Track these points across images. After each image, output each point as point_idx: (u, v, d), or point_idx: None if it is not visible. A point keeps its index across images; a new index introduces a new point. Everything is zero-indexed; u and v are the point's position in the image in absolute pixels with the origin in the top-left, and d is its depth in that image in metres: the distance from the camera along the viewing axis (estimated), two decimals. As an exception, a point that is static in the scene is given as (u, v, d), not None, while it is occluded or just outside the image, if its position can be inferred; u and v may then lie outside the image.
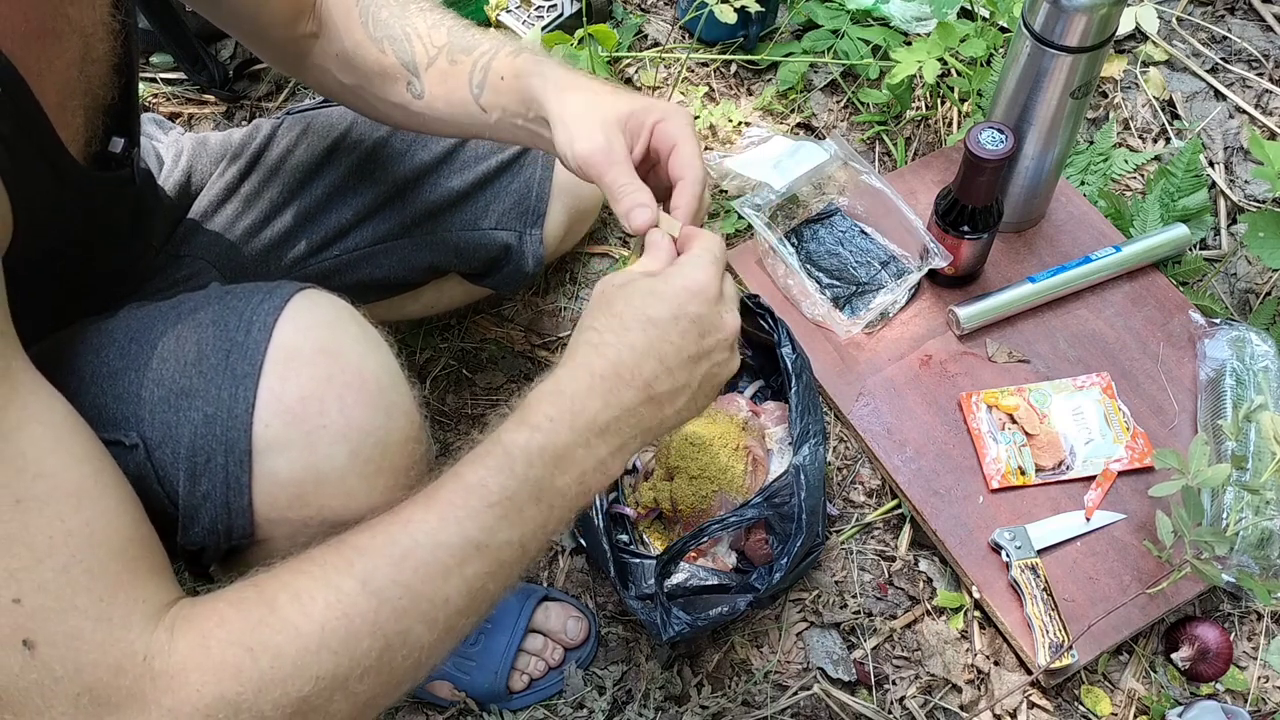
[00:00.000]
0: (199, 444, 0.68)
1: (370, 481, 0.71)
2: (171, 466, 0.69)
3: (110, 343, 0.75)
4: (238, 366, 0.69)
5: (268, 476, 0.68)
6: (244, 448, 0.68)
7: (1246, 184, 1.51)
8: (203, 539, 0.71)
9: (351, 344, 0.72)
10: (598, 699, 1.13)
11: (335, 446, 0.69)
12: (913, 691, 1.14)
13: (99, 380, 0.73)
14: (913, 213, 1.30)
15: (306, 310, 0.72)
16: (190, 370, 0.70)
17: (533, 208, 1.17)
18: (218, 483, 0.69)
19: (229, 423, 0.68)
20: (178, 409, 0.69)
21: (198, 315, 0.73)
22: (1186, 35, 1.67)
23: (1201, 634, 1.12)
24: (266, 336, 0.69)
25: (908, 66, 1.41)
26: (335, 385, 0.69)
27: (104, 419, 0.70)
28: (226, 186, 1.09)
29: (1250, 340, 1.24)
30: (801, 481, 1.08)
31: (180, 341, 0.72)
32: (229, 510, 0.69)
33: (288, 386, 0.69)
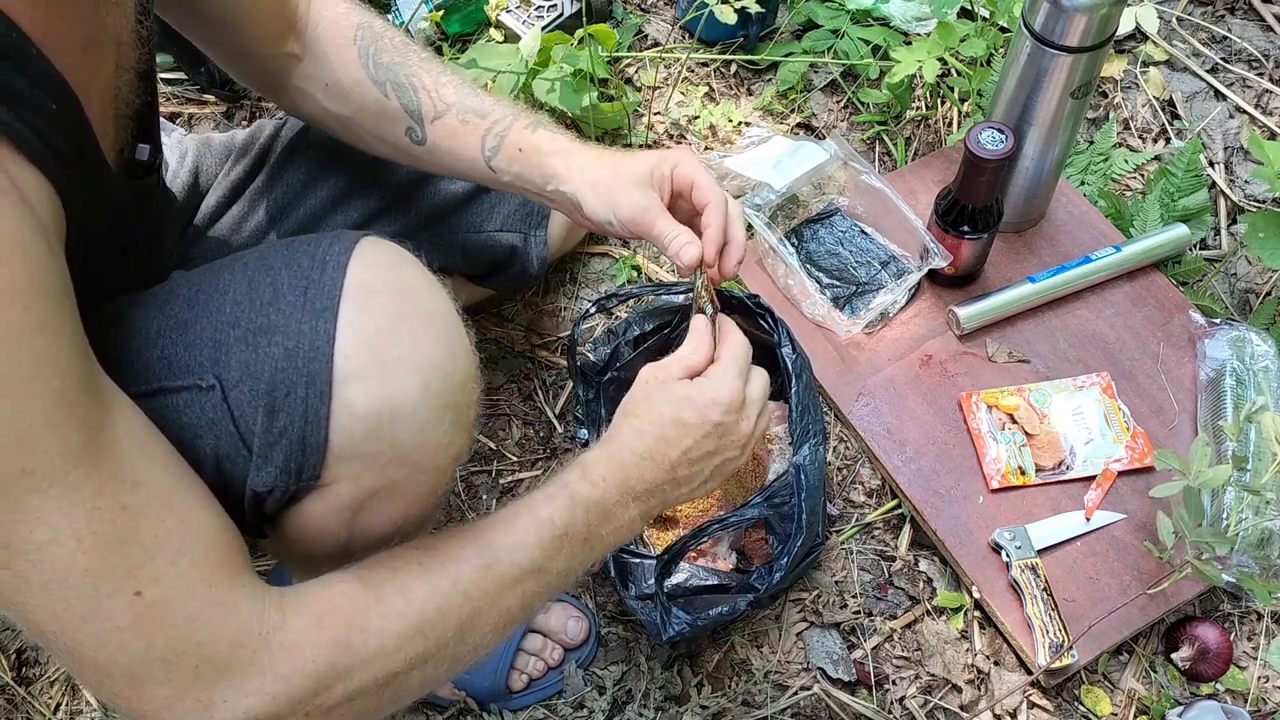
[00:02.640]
0: (279, 378, 0.70)
1: (439, 415, 0.74)
2: (249, 405, 0.71)
3: (173, 299, 0.77)
4: (316, 301, 0.71)
5: (345, 408, 0.70)
6: (325, 378, 0.70)
7: (1246, 184, 1.51)
8: (273, 480, 0.73)
9: (418, 283, 0.76)
10: (598, 699, 1.12)
11: (409, 378, 0.72)
12: (913, 691, 1.14)
13: (166, 333, 0.75)
14: (913, 213, 1.30)
15: (374, 251, 0.75)
16: (268, 309, 0.72)
17: (537, 209, 1.18)
18: (296, 416, 0.71)
19: (310, 354, 0.70)
20: (256, 346, 0.71)
21: (266, 261, 0.75)
22: (1186, 35, 1.67)
23: (1201, 634, 1.12)
24: (341, 274, 0.72)
25: (908, 66, 1.41)
26: (407, 320, 0.73)
27: (175, 367, 0.73)
28: (233, 187, 1.09)
29: (1250, 340, 1.24)
30: (801, 481, 1.08)
31: (253, 285, 0.74)
32: (304, 445, 0.71)
33: (364, 319, 0.71)
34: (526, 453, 1.30)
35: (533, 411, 1.33)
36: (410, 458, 0.74)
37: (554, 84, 1.37)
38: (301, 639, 0.65)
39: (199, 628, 0.62)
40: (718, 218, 0.89)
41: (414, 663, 0.69)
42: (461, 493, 1.27)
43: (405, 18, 1.58)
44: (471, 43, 1.62)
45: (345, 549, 0.80)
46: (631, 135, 1.50)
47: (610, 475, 0.80)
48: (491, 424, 1.32)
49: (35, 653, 1.20)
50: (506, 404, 1.33)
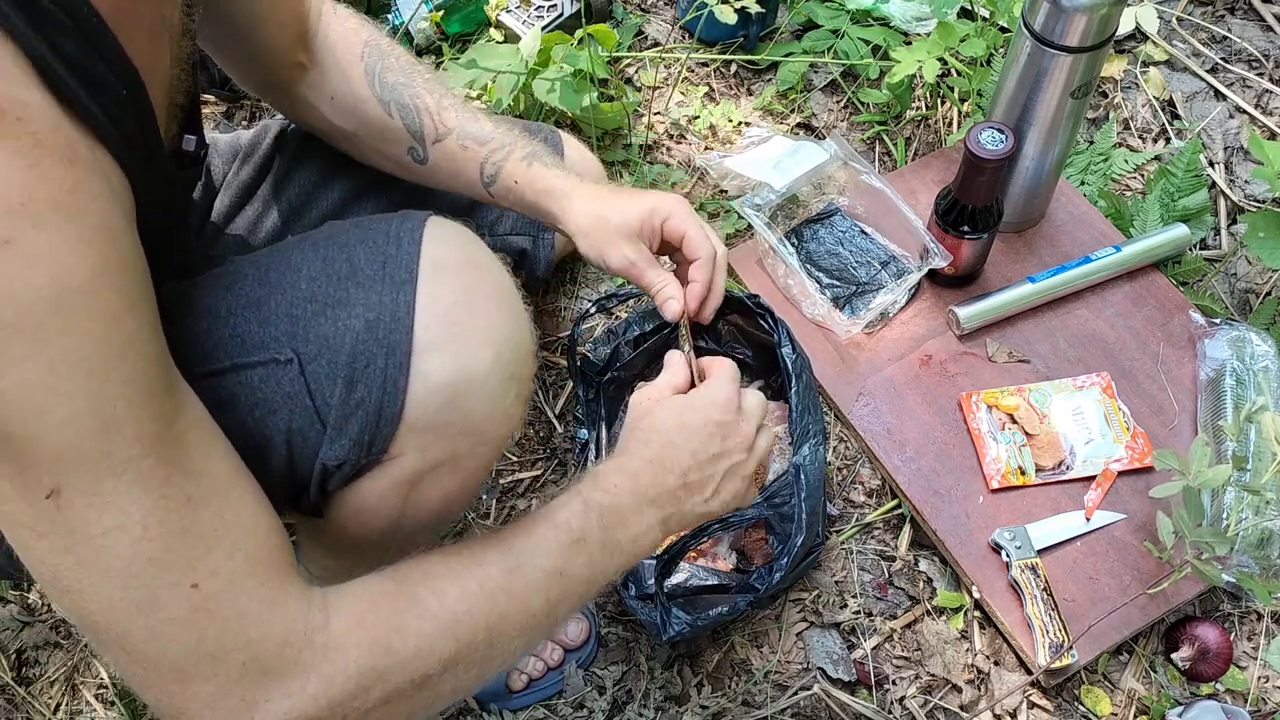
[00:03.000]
0: (360, 349, 0.72)
1: (505, 386, 0.76)
2: (328, 377, 0.73)
3: (240, 279, 0.78)
4: (395, 274, 0.73)
5: (422, 378, 0.72)
6: (405, 349, 0.72)
7: (1246, 184, 1.51)
8: (346, 453, 0.75)
9: (486, 259, 0.78)
10: (598, 699, 1.13)
11: (482, 350, 0.74)
12: (913, 691, 1.14)
13: (238, 311, 0.76)
14: (913, 213, 1.30)
15: (444, 228, 0.77)
16: (346, 283, 0.74)
17: None
18: (374, 387, 0.72)
19: (391, 325, 0.72)
20: (335, 319, 0.73)
21: (338, 238, 0.77)
22: (1186, 35, 1.67)
23: (1201, 634, 1.12)
24: (417, 249, 0.74)
25: (908, 66, 1.41)
26: (480, 293, 0.75)
27: (249, 344, 0.75)
28: (244, 187, 1.09)
29: (1250, 340, 1.24)
30: (801, 481, 1.08)
31: (328, 262, 0.75)
32: (380, 416, 0.73)
33: (441, 292, 0.73)
34: (526, 453, 1.30)
35: (533, 411, 1.33)
36: (478, 428, 0.77)
37: (554, 84, 1.37)
38: (345, 640, 0.65)
39: (249, 624, 0.62)
40: (703, 274, 0.96)
41: (447, 664, 0.70)
42: (461, 493, 1.27)
43: (405, 18, 1.58)
44: (471, 43, 1.62)
45: (395, 527, 0.81)
46: (631, 135, 1.50)
47: (622, 482, 0.81)
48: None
49: (35, 653, 1.20)
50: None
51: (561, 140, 1.21)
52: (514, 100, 1.40)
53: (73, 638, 1.20)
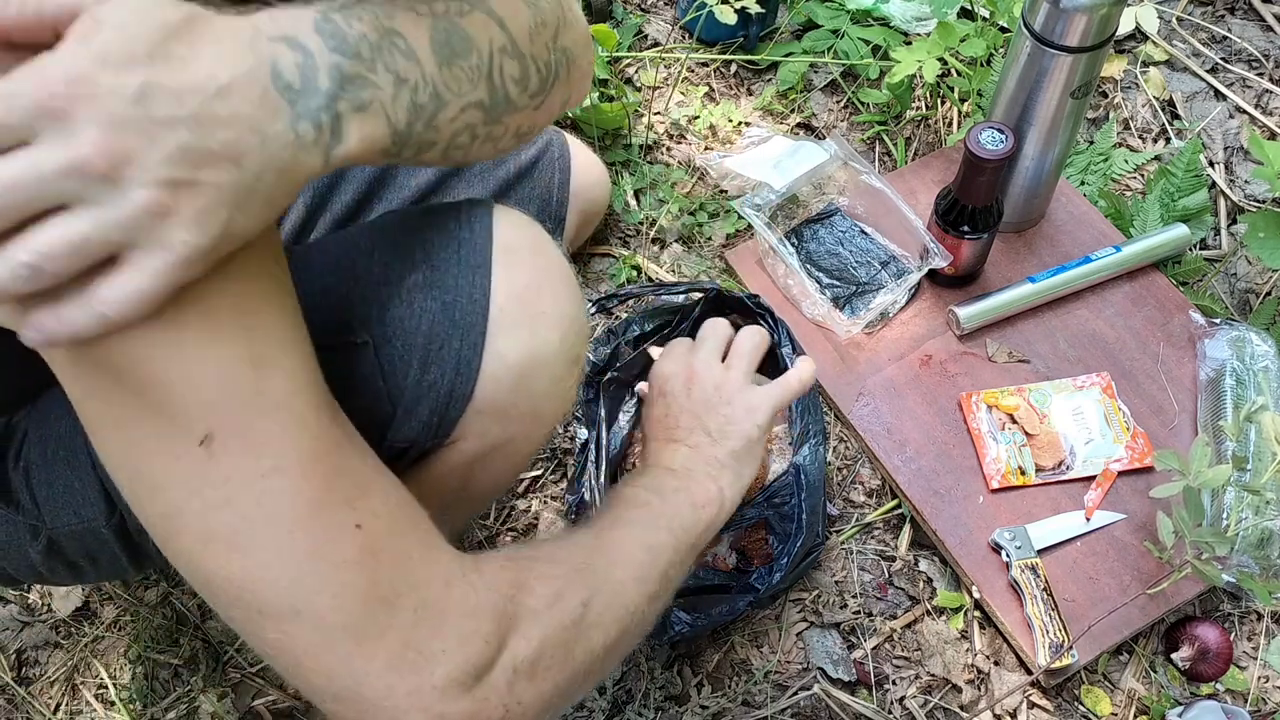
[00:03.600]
0: (435, 330, 0.73)
1: (569, 369, 0.78)
2: (401, 359, 0.73)
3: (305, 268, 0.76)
4: (470, 258, 0.74)
5: (497, 359, 0.74)
6: (480, 330, 0.73)
7: (1246, 184, 1.51)
8: (415, 434, 0.76)
9: (551, 245, 0.79)
10: (598, 699, 1.12)
11: (551, 331, 0.76)
12: (913, 691, 1.14)
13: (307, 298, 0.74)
14: (913, 213, 1.30)
15: (511, 215, 0.78)
16: (421, 266, 0.74)
17: (554, 213, 1.18)
18: (448, 369, 0.73)
19: (468, 306, 0.73)
20: (411, 302, 0.73)
21: (408, 224, 0.77)
22: (1186, 35, 1.67)
23: (1201, 634, 1.12)
24: (489, 233, 0.75)
25: (908, 66, 1.41)
26: (549, 277, 0.77)
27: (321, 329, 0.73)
28: None
29: (1250, 340, 1.24)
30: (801, 481, 1.08)
31: (399, 247, 0.76)
32: (450, 398, 0.74)
33: (515, 275, 0.74)
34: (526, 453, 1.30)
35: (533, 411, 1.32)
36: (539, 409, 0.79)
37: (554, 84, 1.37)
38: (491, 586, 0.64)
39: (415, 565, 0.60)
40: None
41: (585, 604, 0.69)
42: (461, 493, 1.27)
43: (405, 18, 1.57)
44: (471, 43, 1.62)
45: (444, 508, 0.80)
46: (631, 135, 1.50)
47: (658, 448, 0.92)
48: None
49: (35, 653, 1.20)
50: None
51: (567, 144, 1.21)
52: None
53: (73, 637, 1.20)
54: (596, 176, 1.27)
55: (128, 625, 1.20)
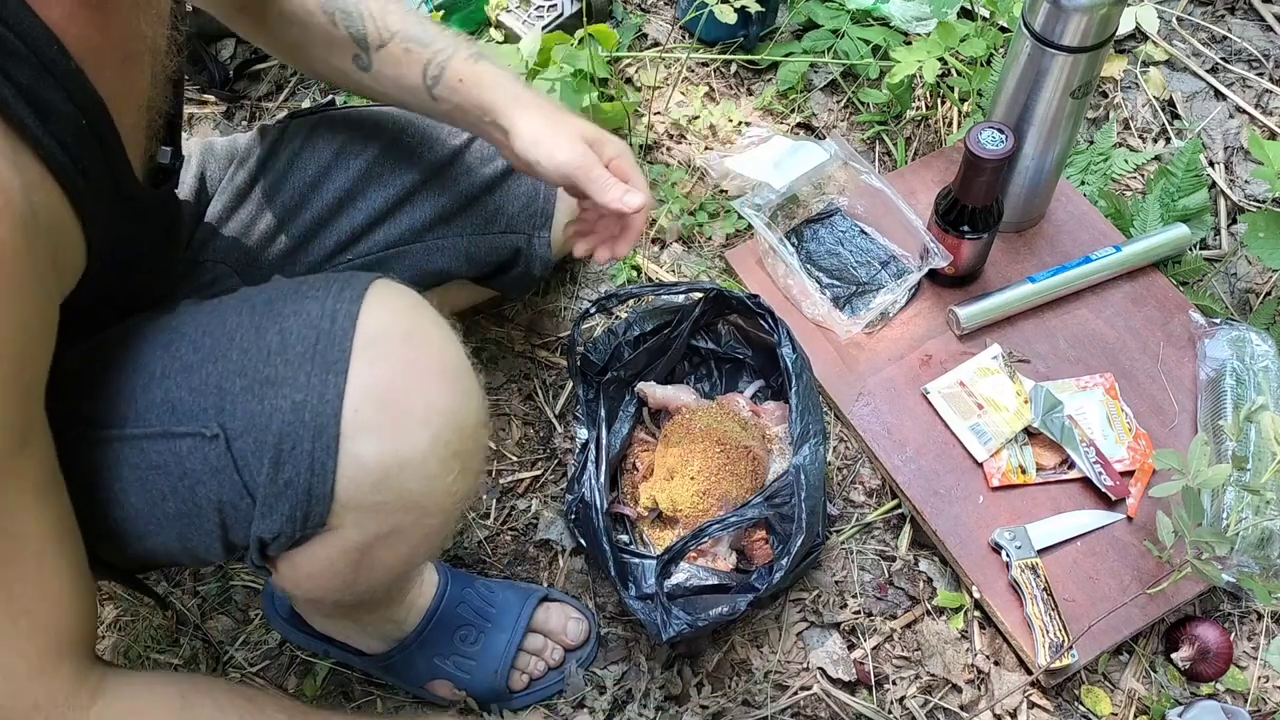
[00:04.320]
0: (286, 431, 0.70)
1: (447, 465, 0.74)
2: (254, 455, 0.71)
3: (179, 338, 0.76)
4: (326, 354, 0.70)
5: (353, 461, 0.70)
6: (333, 433, 0.70)
7: (1246, 184, 1.51)
8: (279, 527, 0.73)
9: (431, 331, 0.75)
10: (598, 699, 1.12)
11: (420, 430, 0.71)
12: (913, 691, 1.14)
13: (172, 374, 0.74)
14: (913, 213, 1.30)
15: (386, 298, 0.74)
16: (275, 360, 0.71)
17: (541, 209, 1.17)
18: (302, 469, 0.70)
19: (319, 408, 0.70)
20: (263, 398, 0.71)
21: (275, 308, 0.74)
22: (1186, 35, 1.67)
23: (1201, 634, 1.12)
24: (352, 325, 0.71)
25: (908, 66, 1.41)
26: (419, 371, 0.72)
27: (179, 412, 0.73)
28: (237, 192, 1.09)
29: (1250, 340, 1.24)
30: (801, 481, 1.08)
31: (260, 333, 0.73)
32: (310, 497, 0.71)
33: (376, 372, 0.71)
34: (526, 453, 1.30)
35: (533, 411, 1.33)
36: (418, 504, 0.74)
37: (554, 84, 1.37)
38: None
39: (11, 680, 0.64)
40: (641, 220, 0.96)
41: None
42: (461, 493, 1.27)
43: (405, 18, 1.58)
44: (471, 43, 1.62)
45: (351, 589, 0.80)
46: (631, 135, 1.50)
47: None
48: (492, 424, 1.32)
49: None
50: (506, 404, 1.33)
51: None
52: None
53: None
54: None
55: (128, 625, 1.20)
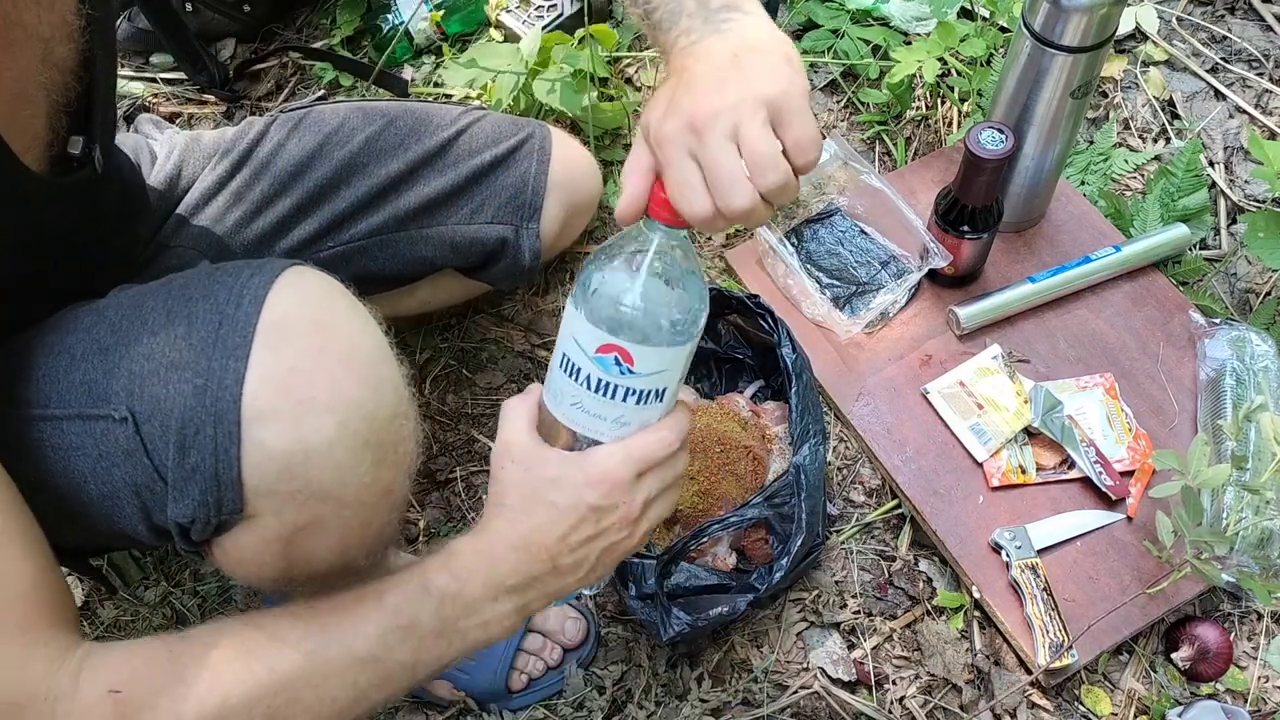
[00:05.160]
0: (188, 416, 0.69)
1: (357, 455, 0.72)
2: (161, 439, 0.70)
3: (102, 321, 0.76)
4: (228, 339, 0.69)
5: (256, 448, 0.69)
6: (233, 419, 0.68)
7: (1246, 184, 1.51)
8: (192, 512, 0.71)
9: (342, 318, 0.73)
10: (597, 699, 1.12)
11: (324, 417, 0.70)
12: (913, 691, 1.14)
13: (90, 357, 0.74)
14: (913, 213, 1.30)
15: (297, 284, 0.73)
16: (180, 343, 0.71)
17: (529, 201, 1.17)
18: (206, 454, 0.69)
19: (219, 393, 0.69)
20: (167, 382, 0.70)
21: (188, 291, 0.74)
22: (1186, 35, 1.67)
23: (1201, 634, 1.12)
24: (257, 309, 0.70)
25: (908, 66, 1.41)
26: (325, 358, 0.71)
27: (94, 394, 0.73)
28: (217, 181, 1.09)
29: (1250, 340, 1.24)
30: (801, 481, 1.08)
31: (170, 316, 0.73)
32: (218, 483, 0.70)
33: (278, 358, 0.69)
34: (526, 453, 1.30)
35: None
36: (331, 495, 0.72)
37: (554, 84, 1.37)
38: (88, 712, 0.64)
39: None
40: None
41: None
42: (462, 493, 1.27)
43: (405, 18, 1.58)
44: (471, 43, 1.62)
45: (289, 575, 0.78)
46: (631, 135, 1.50)
47: (476, 567, 0.74)
48: (491, 424, 1.32)
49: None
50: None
51: (550, 135, 1.20)
52: (514, 100, 1.40)
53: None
54: (584, 169, 1.26)
55: (128, 625, 1.20)
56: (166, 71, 1.64)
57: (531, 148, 1.17)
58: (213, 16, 1.60)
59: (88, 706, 0.64)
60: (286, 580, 0.79)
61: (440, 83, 1.54)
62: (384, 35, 1.59)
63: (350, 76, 1.59)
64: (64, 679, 0.64)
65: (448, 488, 1.28)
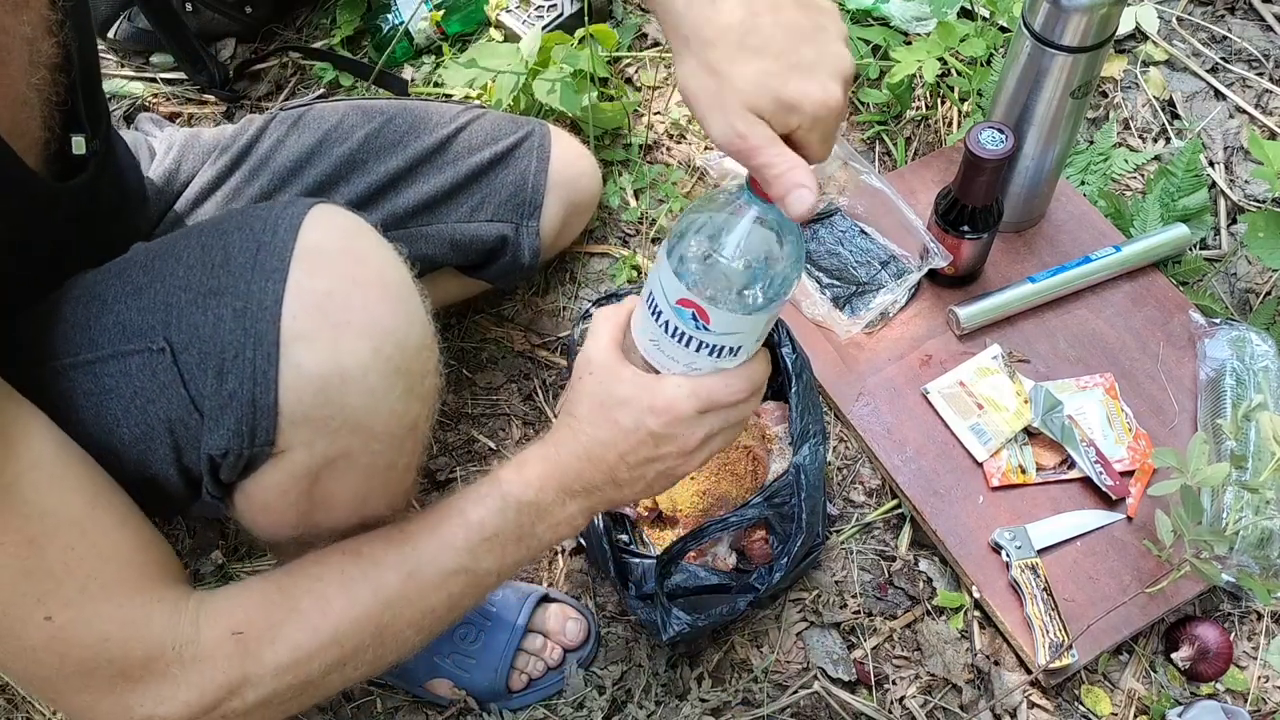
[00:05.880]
0: (228, 339, 0.70)
1: (390, 381, 0.73)
2: (199, 367, 0.71)
3: (131, 266, 0.77)
4: (266, 263, 0.70)
5: (294, 369, 0.69)
6: (272, 339, 0.69)
7: (1246, 184, 1.51)
8: (227, 442, 0.72)
9: (373, 249, 0.75)
10: (597, 699, 1.13)
11: (359, 341, 0.71)
12: (913, 691, 1.14)
13: (123, 299, 0.75)
14: (913, 213, 1.30)
15: (329, 216, 0.74)
16: (219, 271, 0.72)
17: (528, 200, 1.17)
18: (245, 378, 0.70)
19: (258, 314, 0.69)
20: (206, 308, 0.71)
21: (221, 226, 0.75)
22: (1186, 35, 1.67)
23: (1201, 634, 1.12)
24: (293, 236, 0.71)
25: (908, 66, 1.41)
26: (360, 283, 0.72)
27: (129, 332, 0.74)
28: (215, 177, 1.09)
29: (1250, 340, 1.24)
30: (801, 481, 1.08)
31: (206, 249, 0.74)
32: (254, 408, 0.70)
33: (315, 281, 0.70)
34: (526, 453, 1.30)
35: (533, 411, 1.33)
36: (363, 424, 0.73)
37: (554, 84, 1.37)
38: (215, 651, 0.69)
39: (110, 645, 0.66)
40: None
41: (329, 668, 0.73)
42: (461, 492, 1.27)
43: (405, 17, 1.58)
44: (471, 43, 1.62)
45: (310, 522, 0.79)
46: (631, 135, 1.50)
47: (547, 475, 0.79)
48: (491, 424, 1.32)
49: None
50: (506, 404, 1.33)
51: (550, 134, 1.20)
52: (514, 100, 1.40)
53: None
54: (583, 167, 1.26)
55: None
56: (166, 71, 1.64)
57: (531, 146, 1.18)
58: (213, 16, 1.60)
59: (213, 645, 0.69)
60: (307, 529, 0.80)
61: (440, 83, 1.54)
62: (384, 35, 1.59)
63: (350, 76, 1.59)
64: (185, 626, 0.68)
65: (447, 488, 1.28)
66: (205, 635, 0.69)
